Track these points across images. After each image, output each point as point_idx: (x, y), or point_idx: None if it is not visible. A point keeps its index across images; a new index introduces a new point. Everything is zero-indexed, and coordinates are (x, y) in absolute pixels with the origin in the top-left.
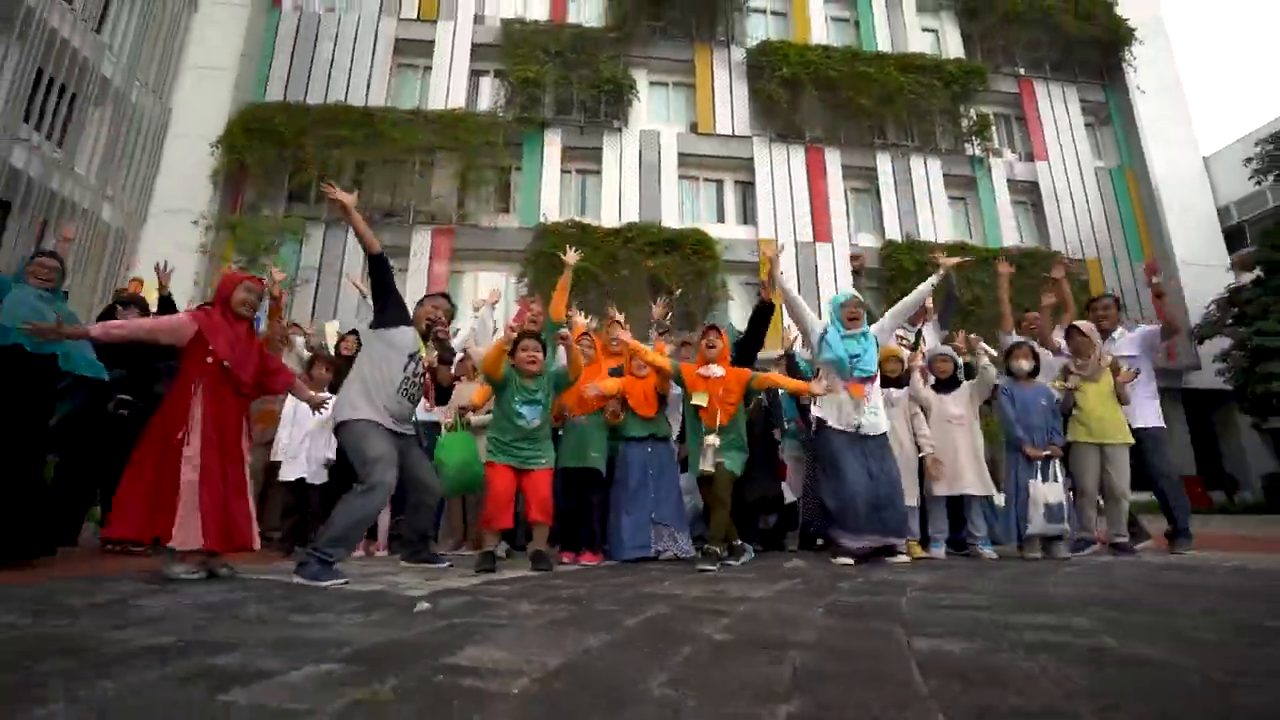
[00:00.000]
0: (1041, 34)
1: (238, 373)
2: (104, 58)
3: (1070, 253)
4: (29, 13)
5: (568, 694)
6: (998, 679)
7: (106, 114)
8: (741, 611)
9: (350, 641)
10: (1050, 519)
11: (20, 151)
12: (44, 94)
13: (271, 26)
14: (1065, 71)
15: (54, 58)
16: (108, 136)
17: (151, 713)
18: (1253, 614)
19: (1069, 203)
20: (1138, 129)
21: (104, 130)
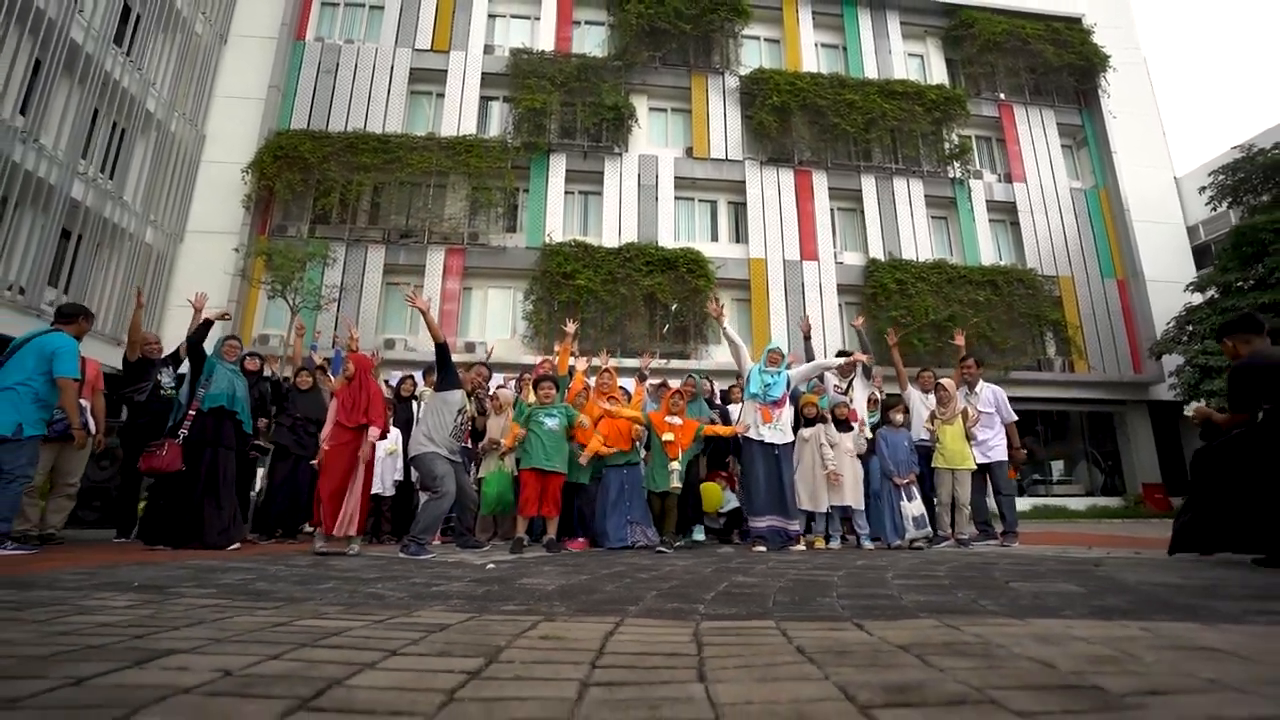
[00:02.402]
0: (1021, 61)
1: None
2: (148, 93)
3: (1044, 269)
4: (88, 59)
5: (571, 591)
6: (810, 586)
7: (150, 144)
8: (666, 569)
9: (462, 579)
10: (918, 527)
11: (79, 185)
12: (98, 130)
13: (296, 57)
14: (1044, 96)
15: (107, 97)
16: (150, 165)
17: (397, 599)
18: (961, 570)
19: (1044, 222)
20: (1111, 151)
21: (147, 160)
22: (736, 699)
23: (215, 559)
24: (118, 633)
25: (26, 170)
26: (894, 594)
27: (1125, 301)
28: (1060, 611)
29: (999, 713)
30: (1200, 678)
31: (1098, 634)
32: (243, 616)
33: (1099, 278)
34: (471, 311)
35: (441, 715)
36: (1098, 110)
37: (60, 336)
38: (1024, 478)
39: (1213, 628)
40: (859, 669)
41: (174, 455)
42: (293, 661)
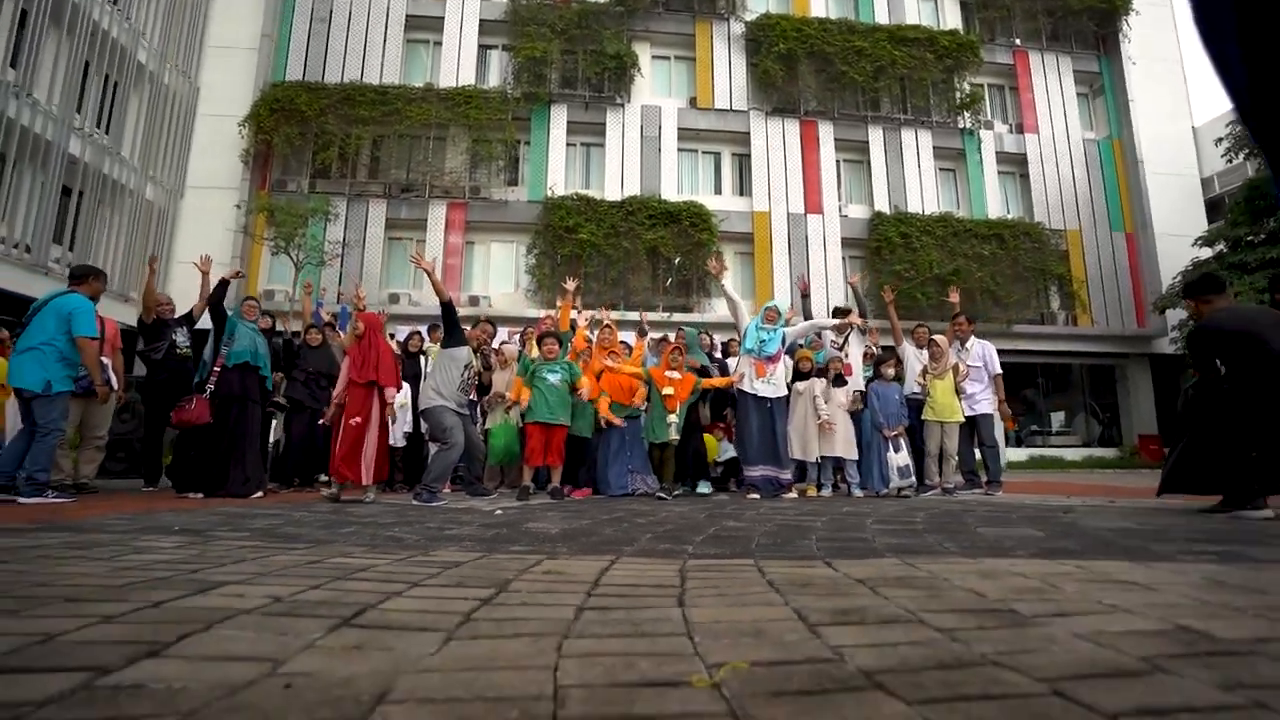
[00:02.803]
0: (1039, 3)
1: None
2: (138, 44)
3: (1052, 223)
4: (75, 9)
5: (573, 534)
6: (792, 530)
7: (143, 97)
8: (663, 515)
9: (472, 523)
10: (901, 476)
11: (76, 140)
12: (90, 84)
13: (288, 4)
14: (1061, 42)
15: (97, 48)
16: (145, 119)
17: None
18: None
19: (1055, 174)
20: (1128, 100)
21: (142, 113)
22: (707, 619)
23: (241, 506)
24: (174, 568)
25: (22, 126)
26: (869, 537)
27: (1132, 255)
28: (1013, 552)
29: (922, 629)
30: (1104, 603)
31: (1034, 570)
32: (279, 555)
33: (1107, 231)
34: (475, 266)
35: (460, 630)
36: (1117, 57)
37: (76, 298)
38: (1022, 429)
39: (1140, 565)
40: (817, 597)
41: (202, 409)
42: (331, 591)
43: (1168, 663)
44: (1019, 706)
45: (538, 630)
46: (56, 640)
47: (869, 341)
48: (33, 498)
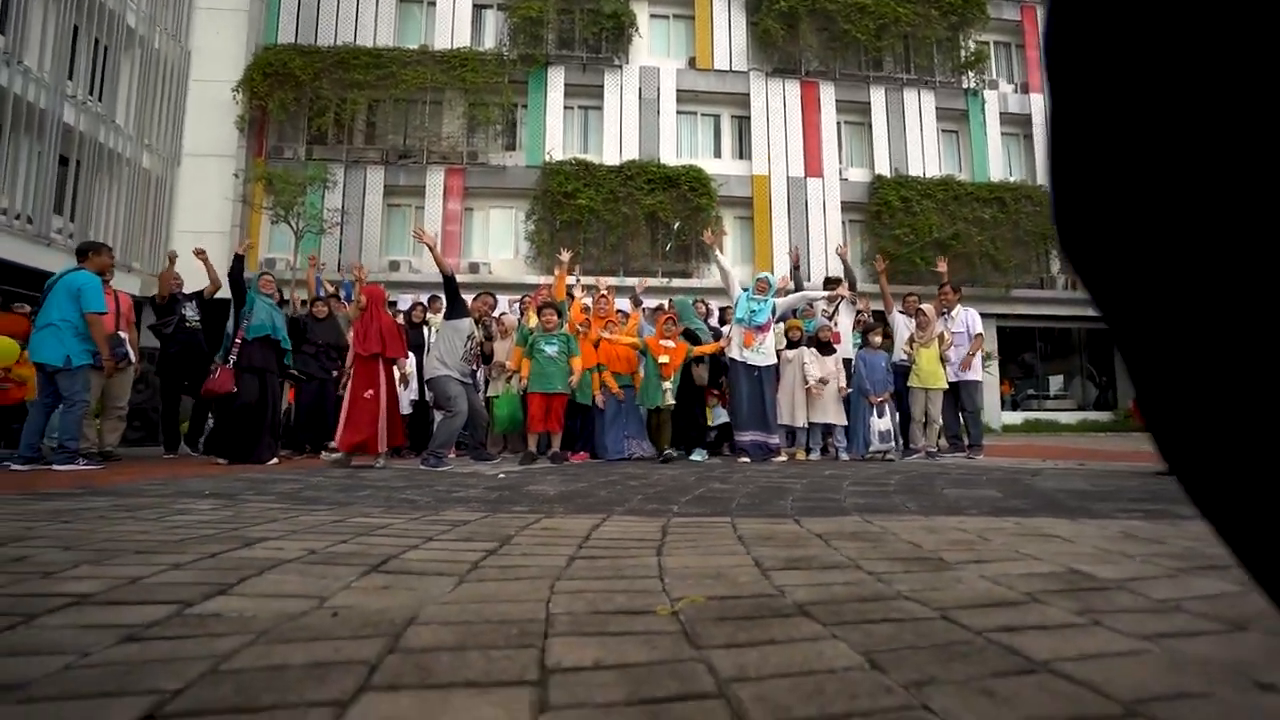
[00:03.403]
0: None
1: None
2: (126, 6)
3: None
4: None
5: (570, 495)
6: (772, 492)
7: (135, 62)
8: (655, 477)
9: (477, 486)
10: (882, 441)
11: (70, 108)
12: (80, 49)
13: None
14: None
15: (85, 12)
16: (138, 85)
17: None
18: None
19: None
20: None
21: (134, 79)
22: (678, 566)
23: (261, 472)
24: (217, 526)
25: (15, 95)
26: (840, 498)
27: None
28: (965, 510)
29: (856, 572)
30: (1020, 552)
31: (975, 526)
32: (305, 516)
33: None
34: (474, 232)
35: (470, 575)
36: None
37: (84, 274)
38: (1018, 393)
39: (1073, 522)
40: (776, 548)
41: (225, 378)
42: (357, 545)
43: (1044, 596)
44: (908, 626)
45: (535, 575)
46: (141, 582)
47: (860, 307)
48: (66, 465)
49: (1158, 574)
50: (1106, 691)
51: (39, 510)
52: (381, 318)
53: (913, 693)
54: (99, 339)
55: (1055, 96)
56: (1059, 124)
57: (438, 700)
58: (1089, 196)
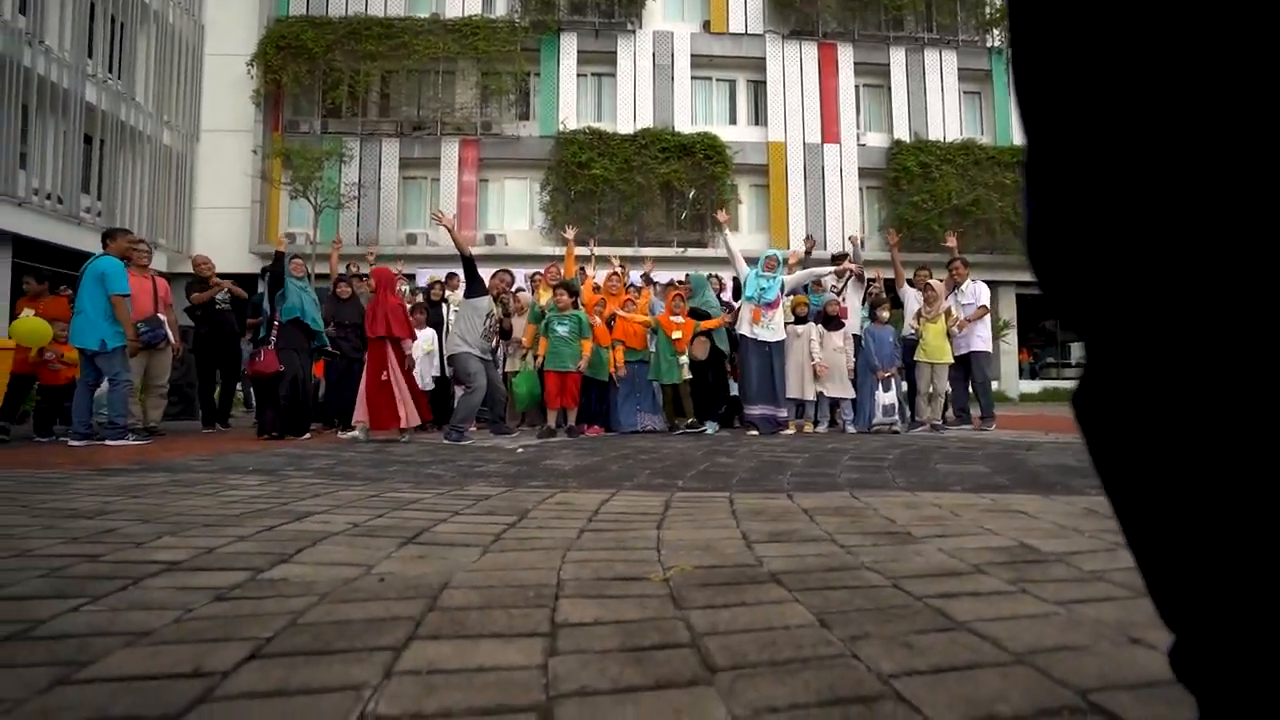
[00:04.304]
0: None
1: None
2: None
3: None
4: None
5: (584, 470)
6: (773, 466)
7: (151, 39)
8: (665, 451)
9: (497, 461)
10: (885, 415)
11: (91, 88)
12: (98, 27)
13: None
14: None
15: None
16: (155, 61)
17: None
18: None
19: None
20: None
21: (151, 56)
22: (673, 538)
23: (297, 447)
24: (267, 501)
25: (39, 75)
26: (836, 473)
27: None
28: (949, 487)
29: (830, 545)
30: (983, 528)
31: (951, 502)
32: (344, 491)
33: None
34: (489, 203)
35: (493, 546)
36: None
37: (106, 259)
38: (1038, 361)
39: (1044, 498)
40: (764, 523)
41: (270, 360)
42: (393, 519)
43: (988, 568)
44: (861, 593)
45: (548, 546)
46: (215, 552)
47: (871, 276)
48: (117, 440)
49: (1097, 549)
50: (1005, 646)
51: (109, 485)
52: (388, 300)
53: (847, 645)
54: (123, 319)
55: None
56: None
57: (470, 647)
58: (1061, 227)
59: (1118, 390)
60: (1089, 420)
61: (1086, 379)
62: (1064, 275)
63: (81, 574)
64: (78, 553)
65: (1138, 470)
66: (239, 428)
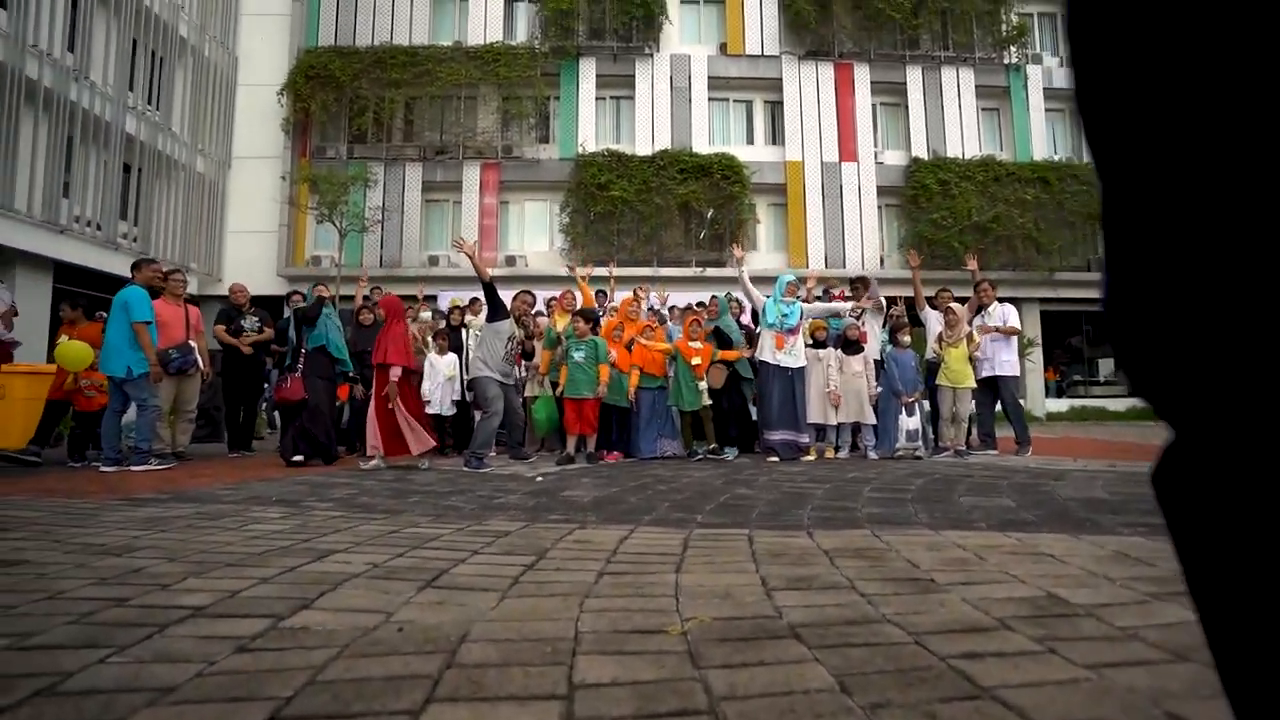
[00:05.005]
0: None
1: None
2: (179, 17)
3: None
4: None
5: (602, 502)
6: (794, 498)
7: (188, 71)
8: (684, 481)
9: (516, 492)
10: (909, 440)
11: (131, 119)
12: (139, 61)
13: None
14: None
15: (143, 25)
16: (191, 92)
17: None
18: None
19: None
20: None
21: (188, 87)
22: (692, 584)
23: (319, 475)
24: (290, 537)
25: (84, 109)
26: (857, 507)
27: None
28: (973, 523)
29: (850, 594)
30: (1009, 574)
31: (975, 543)
32: (364, 525)
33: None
34: (510, 225)
35: (511, 590)
36: None
37: (131, 289)
38: (1064, 378)
39: (1073, 538)
40: (783, 566)
41: (296, 387)
42: (412, 559)
43: (1014, 622)
44: (882, 651)
45: (566, 591)
46: (238, 596)
47: (890, 298)
48: (140, 465)
49: (1130, 600)
50: (1031, 717)
51: (137, 518)
52: (391, 328)
53: (869, 714)
54: (145, 346)
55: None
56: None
57: (488, 711)
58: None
59: (1209, 477)
60: (1173, 504)
61: (1171, 458)
62: (1149, 353)
63: (109, 620)
64: (106, 595)
65: (1227, 569)
66: (264, 451)
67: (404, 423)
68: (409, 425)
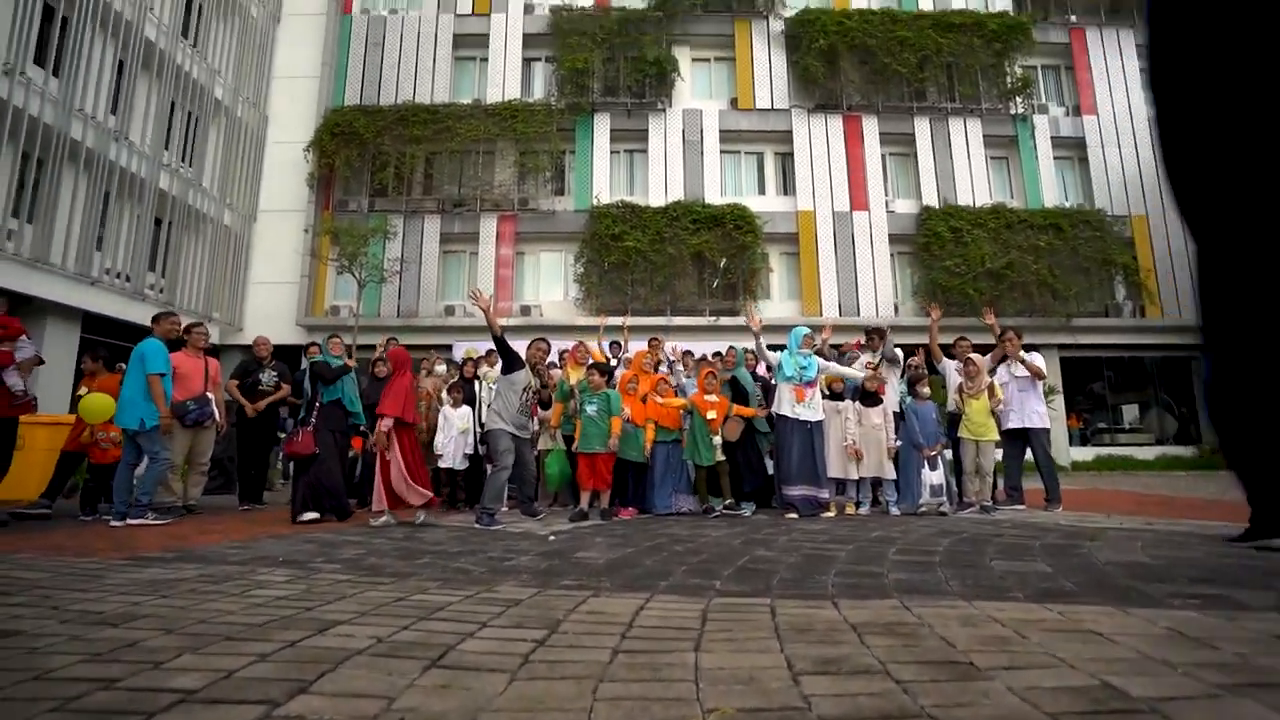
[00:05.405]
0: None
1: None
2: (215, 81)
3: (1115, 209)
4: (162, 55)
5: (617, 565)
6: (816, 561)
7: (220, 130)
8: (700, 541)
9: (528, 552)
10: (933, 495)
11: (165, 175)
12: (175, 122)
13: (345, 31)
14: (1122, 16)
15: (181, 88)
16: (222, 150)
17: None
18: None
19: (1117, 156)
20: None
21: (219, 145)
22: (713, 665)
23: (329, 532)
24: (293, 605)
25: (121, 166)
26: (883, 571)
27: None
28: (1009, 593)
29: (884, 680)
30: (1056, 656)
31: (1014, 617)
32: (370, 592)
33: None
34: (525, 275)
35: (521, 671)
36: None
37: (149, 342)
38: (1088, 426)
39: (1119, 610)
40: (809, 644)
41: (307, 441)
42: (417, 632)
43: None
44: None
45: (579, 674)
46: (234, 676)
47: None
48: (138, 519)
49: (1196, 693)
50: None
51: (141, 580)
52: (394, 380)
53: None
54: (156, 397)
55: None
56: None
57: None
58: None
59: None
60: None
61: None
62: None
63: (96, 706)
64: (97, 675)
65: None
66: (276, 503)
67: (397, 476)
68: (404, 479)
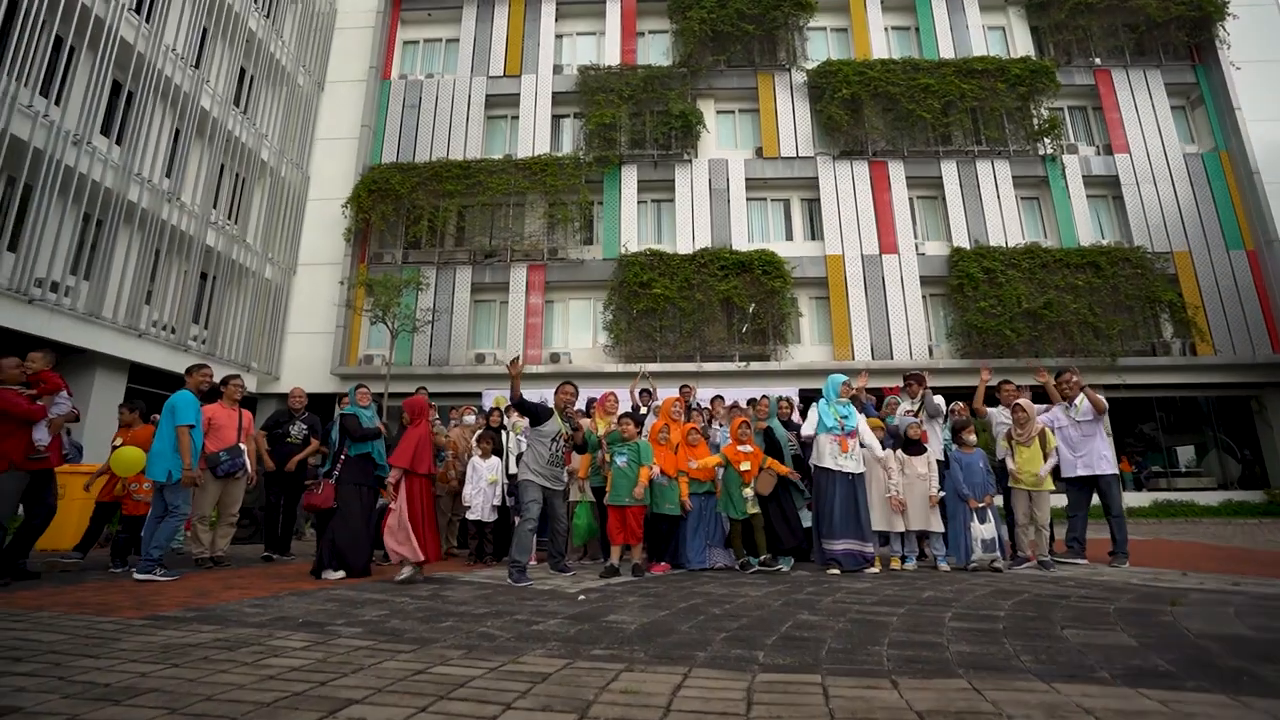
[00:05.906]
0: (1119, 19)
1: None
2: (262, 144)
3: (1155, 246)
4: (215, 122)
5: (650, 630)
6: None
7: (265, 190)
8: (739, 602)
9: (557, 615)
10: (985, 550)
11: (212, 233)
12: (224, 183)
13: (384, 96)
14: (1148, 57)
15: (230, 152)
16: (266, 208)
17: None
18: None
19: (1153, 193)
20: (1234, 108)
21: (264, 204)
22: None
23: (352, 589)
24: (306, 677)
25: (173, 225)
26: (943, 642)
27: (1258, 274)
28: (1094, 672)
29: None
30: None
31: (1107, 706)
32: (389, 663)
33: (1223, 250)
34: (555, 323)
35: None
36: (1215, 64)
37: (180, 394)
38: (1140, 470)
39: (1232, 700)
40: None
41: (328, 493)
42: (435, 715)
43: None
44: None
45: None
46: None
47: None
48: (144, 574)
49: None
50: None
51: (154, 644)
52: (409, 429)
53: None
54: (183, 450)
55: None
56: None
57: None
58: None
59: None
60: None
61: None
62: None
63: None
64: None
65: None
66: (303, 553)
67: (394, 523)
68: (402, 529)
